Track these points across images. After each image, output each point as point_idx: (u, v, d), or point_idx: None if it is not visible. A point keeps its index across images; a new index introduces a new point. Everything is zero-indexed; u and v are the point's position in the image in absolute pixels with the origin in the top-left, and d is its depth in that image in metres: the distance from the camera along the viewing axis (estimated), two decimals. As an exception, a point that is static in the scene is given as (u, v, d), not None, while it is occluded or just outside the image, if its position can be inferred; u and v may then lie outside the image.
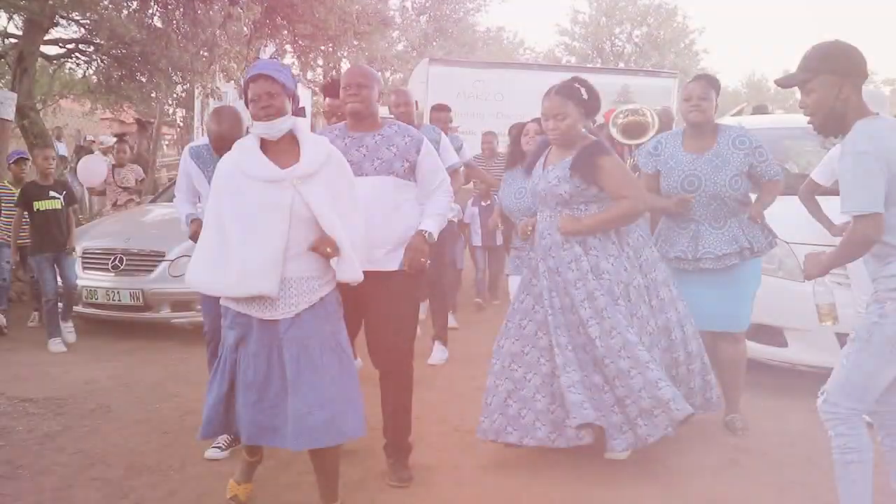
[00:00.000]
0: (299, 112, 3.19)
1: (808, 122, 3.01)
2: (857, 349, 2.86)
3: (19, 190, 6.73)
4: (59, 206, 6.51)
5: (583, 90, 3.80)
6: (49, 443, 4.25)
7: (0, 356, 6.19)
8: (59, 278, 6.48)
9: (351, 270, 3.06)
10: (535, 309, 3.86)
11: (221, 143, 3.87)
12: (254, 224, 2.95)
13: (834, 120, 2.90)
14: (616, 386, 3.59)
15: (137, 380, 5.48)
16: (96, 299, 6.54)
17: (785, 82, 3.04)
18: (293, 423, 2.96)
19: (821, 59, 2.89)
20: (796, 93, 3.08)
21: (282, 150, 3.05)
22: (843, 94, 2.86)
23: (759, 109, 8.76)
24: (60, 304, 6.46)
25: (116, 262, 6.66)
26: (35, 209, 6.45)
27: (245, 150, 3.08)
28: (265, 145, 3.07)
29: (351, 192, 3.17)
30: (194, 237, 4.14)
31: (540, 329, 3.81)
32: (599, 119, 6.83)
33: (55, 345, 6.35)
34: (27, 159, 7.33)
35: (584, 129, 3.88)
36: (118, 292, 6.53)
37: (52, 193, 6.52)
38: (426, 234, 3.61)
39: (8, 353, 6.29)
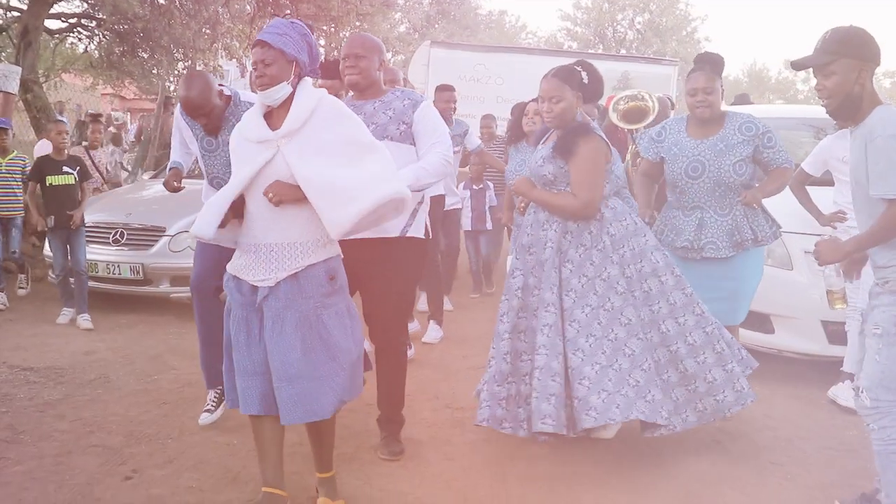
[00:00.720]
0: (313, 72, 3.12)
1: (824, 106, 3.00)
2: (889, 343, 2.85)
3: (33, 163, 6.73)
4: (72, 182, 6.51)
5: (584, 74, 3.74)
6: (50, 410, 4.34)
7: (1, 326, 6.28)
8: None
9: (331, 224, 2.87)
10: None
11: (191, 110, 3.88)
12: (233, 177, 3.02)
13: (850, 104, 2.91)
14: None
15: (136, 352, 5.57)
16: (97, 272, 6.61)
17: (803, 63, 3.02)
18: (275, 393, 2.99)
19: (841, 43, 2.90)
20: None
21: (282, 113, 3.02)
22: (861, 78, 2.88)
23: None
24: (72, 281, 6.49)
25: (117, 236, 6.74)
26: (48, 184, 6.47)
27: (248, 114, 3.12)
28: (270, 109, 3.06)
29: (347, 138, 2.99)
30: (166, 185, 4.23)
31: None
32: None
33: (63, 316, 6.43)
34: (6, 129, 7.23)
35: (581, 114, 3.80)
36: (118, 266, 6.61)
37: (65, 169, 6.52)
38: None
39: (9, 323, 6.39)
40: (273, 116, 3.05)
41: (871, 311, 2.99)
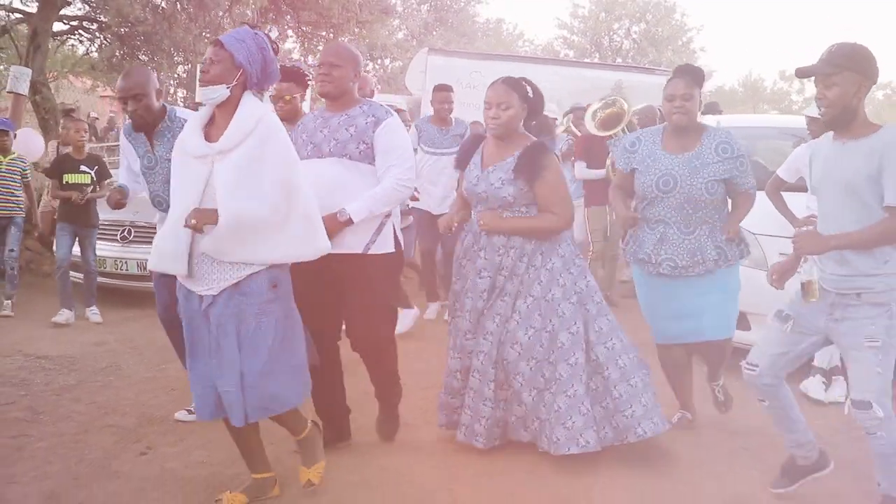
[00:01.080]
0: (261, 86, 3.14)
1: (821, 115, 3.11)
2: (886, 353, 2.99)
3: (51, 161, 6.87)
4: (89, 181, 6.66)
5: (528, 88, 3.76)
6: (66, 394, 4.61)
7: (13, 319, 6.56)
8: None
9: (222, 248, 2.95)
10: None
11: (126, 91, 3.91)
12: (178, 200, 3.06)
13: (846, 116, 3.04)
14: None
15: (144, 343, 5.83)
16: (105, 268, 6.90)
17: (809, 71, 3.11)
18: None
19: (847, 57, 3.00)
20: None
21: (223, 124, 3.02)
22: (860, 93, 3.02)
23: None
24: (80, 276, 6.71)
25: (125, 233, 7.04)
26: (64, 182, 6.64)
27: (189, 124, 3.15)
28: (214, 118, 3.09)
29: (276, 171, 3.00)
30: (108, 200, 4.29)
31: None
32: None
33: (62, 316, 6.46)
34: (7, 132, 7.15)
35: (522, 128, 3.82)
36: (126, 262, 6.92)
37: (83, 168, 6.68)
38: (338, 214, 3.46)
39: (20, 316, 6.66)
40: (214, 124, 3.08)
41: (839, 323, 3.11)
